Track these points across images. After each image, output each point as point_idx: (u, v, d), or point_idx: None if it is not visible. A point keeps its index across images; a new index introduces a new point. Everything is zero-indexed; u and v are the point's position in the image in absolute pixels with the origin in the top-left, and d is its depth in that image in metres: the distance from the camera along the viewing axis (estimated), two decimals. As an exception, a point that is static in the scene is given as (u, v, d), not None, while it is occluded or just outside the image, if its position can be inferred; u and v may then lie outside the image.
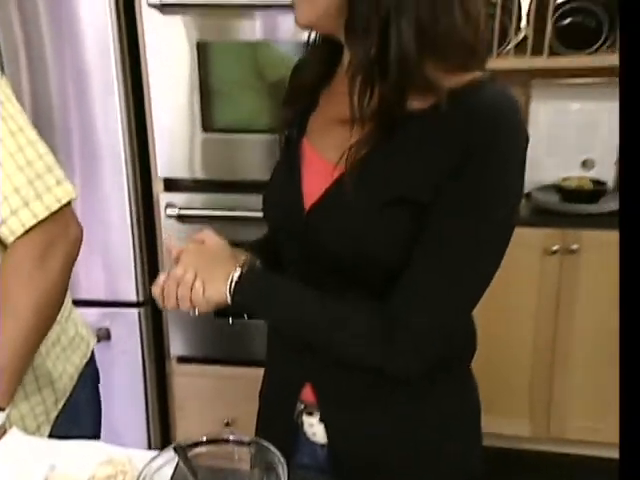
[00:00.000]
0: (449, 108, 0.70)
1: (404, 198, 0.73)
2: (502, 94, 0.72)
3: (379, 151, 0.75)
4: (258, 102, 1.73)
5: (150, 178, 1.77)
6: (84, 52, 1.63)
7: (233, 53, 1.66)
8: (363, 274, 0.78)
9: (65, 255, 0.88)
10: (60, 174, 0.88)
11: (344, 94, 0.77)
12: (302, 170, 0.83)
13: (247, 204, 1.71)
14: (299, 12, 0.77)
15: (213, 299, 0.77)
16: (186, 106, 1.67)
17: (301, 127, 0.86)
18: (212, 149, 1.71)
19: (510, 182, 0.72)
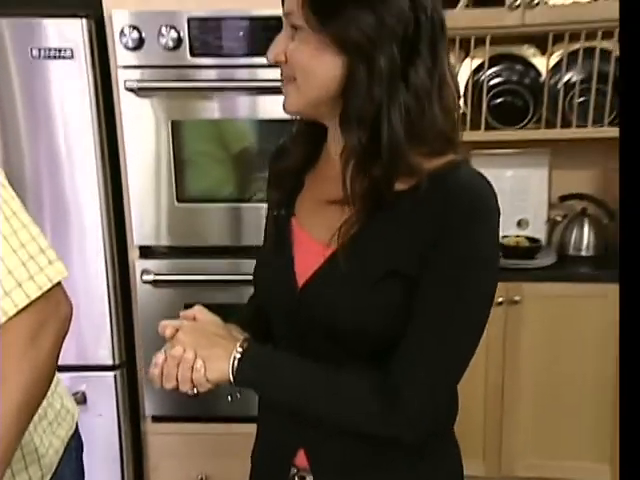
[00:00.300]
0: (429, 190, 0.76)
1: (394, 272, 0.76)
2: (476, 176, 0.79)
3: (368, 229, 0.79)
4: (224, 172, 1.87)
5: (126, 246, 1.87)
6: (63, 129, 1.74)
7: (201, 130, 1.81)
8: (356, 346, 0.80)
9: (56, 334, 0.88)
10: (52, 254, 0.89)
11: (330, 176, 0.84)
12: (293, 249, 0.86)
13: (220, 268, 1.84)
14: (289, 101, 0.81)
15: (214, 378, 0.78)
16: (161, 179, 1.80)
17: (289, 207, 0.89)
18: (185, 217, 1.83)
19: (487, 253, 0.77)
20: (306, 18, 0.74)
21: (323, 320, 0.81)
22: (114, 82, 1.74)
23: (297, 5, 0.75)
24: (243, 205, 1.83)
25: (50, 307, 0.87)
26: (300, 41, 0.77)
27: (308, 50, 0.76)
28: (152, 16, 1.68)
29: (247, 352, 0.79)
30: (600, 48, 1.81)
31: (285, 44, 0.78)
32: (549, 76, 1.89)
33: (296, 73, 0.78)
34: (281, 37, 0.79)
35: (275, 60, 0.79)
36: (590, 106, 1.83)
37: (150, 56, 1.70)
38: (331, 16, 0.74)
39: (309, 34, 0.75)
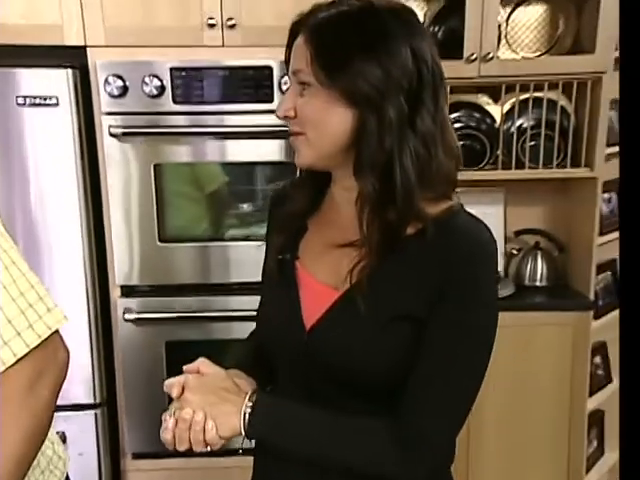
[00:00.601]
0: (434, 235, 0.79)
1: (404, 316, 0.79)
2: (476, 223, 0.83)
3: (379, 272, 0.81)
4: (204, 213, 1.96)
5: (107, 285, 1.92)
6: (48, 173, 1.79)
7: (183, 173, 1.90)
8: (363, 387, 0.81)
9: (54, 381, 0.88)
10: (50, 302, 0.89)
11: (335, 221, 0.88)
12: (299, 292, 0.88)
13: (203, 305, 1.90)
14: (301, 155, 0.84)
15: (227, 435, 0.78)
16: (143, 220, 1.86)
17: (293, 251, 0.91)
18: (167, 256, 1.90)
19: (489, 296, 0.81)
20: (315, 74, 0.79)
21: (332, 362, 0.82)
22: (98, 128, 1.81)
23: (306, 62, 0.79)
24: (226, 244, 1.91)
25: (48, 355, 0.87)
26: (310, 96, 0.80)
27: (318, 105, 0.80)
28: (135, 66, 1.77)
29: (257, 406, 0.79)
30: (547, 98, 1.99)
31: (294, 100, 0.82)
32: (503, 122, 2.07)
33: (307, 128, 0.81)
34: (290, 94, 0.83)
35: (285, 115, 0.83)
36: (540, 149, 2.01)
37: (133, 103, 1.78)
38: (339, 71, 0.78)
39: (318, 89, 0.79)
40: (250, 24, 1.78)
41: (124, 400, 1.95)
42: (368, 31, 0.79)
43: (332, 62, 0.78)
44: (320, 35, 0.80)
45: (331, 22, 0.80)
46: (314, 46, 0.79)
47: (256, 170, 1.89)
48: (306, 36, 0.80)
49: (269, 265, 0.95)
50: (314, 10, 0.83)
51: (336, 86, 0.78)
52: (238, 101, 1.79)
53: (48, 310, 0.88)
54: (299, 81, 0.82)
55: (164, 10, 1.77)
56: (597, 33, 1.90)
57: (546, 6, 2.12)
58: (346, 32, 0.79)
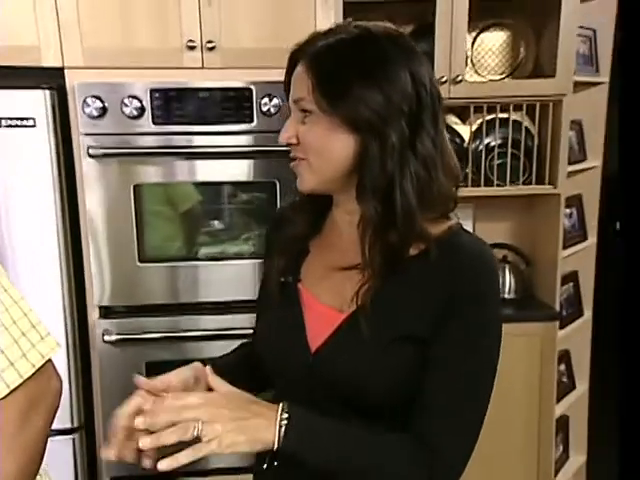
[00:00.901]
0: (437, 256, 0.80)
1: (406, 336, 0.80)
2: (477, 242, 0.84)
3: (383, 293, 0.82)
4: (185, 233, 1.96)
5: (85, 307, 1.89)
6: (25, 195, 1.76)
7: (164, 193, 1.90)
8: (365, 405, 0.82)
9: (48, 411, 0.87)
10: (43, 329, 0.88)
11: (337, 244, 0.90)
12: (303, 315, 0.89)
13: (183, 325, 1.90)
14: (304, 180, 0.85)
15: (258, 449, 0.75)
16: (122, 241, 1.85)
17: (295, 273, 0.92)
18: (148, 277, 1.89)
19: (494, 311, 0.82)
20: (317, 102, 0.80)
21: (337, 383, 0.82)
22: (76, 149, 1.80)
23: (307, 91, 0.81)
24: (207, 263, 1.91)
25: (42, 384, 0.86)
26: (312, 124, 0.82)
27: (320, 132, 0.81)
28: (114, 87, 1.77)
29: (293, 419, 0.75)
30: (513, 119, 2.09)
31: (296, 127, 0.84)
32: (471, 141, 2.16)
33: (309, 154, 0.83)
34: (291, 121, 0.85)
35: (287, 142, 0.85)
36: (507, 168, 2.10)
37: (113, 124, 1.78)
38: (340, 98, 0.79)
39: (320, 117, 0.81)
40: (229, 46, 1.81)
41: (102, 423, 1.92)
42: (367, 58, 0.80)
43: (333, 90, 0.80)
44: (320, 63, 0.81)
45: (330, 50, 0.82)
46: (315, 74, 0.81)
47: (237, 190, 1.91)
48: (306, 64, 0.82)
49: (270, 287, 0.95)
50: (313, 38, 0.84)
51: (338, 113, 0.79)
52: (218, 122, 1.81)
53: (41, 338, 0.87)
54: (301, 109, 0.83)
55: (143, 32, 1.78)
56: (557, 58, 2.01)
57: (507, 32, 2.24)
58: (346, 59, 0.81)
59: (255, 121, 1.81)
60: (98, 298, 1.88)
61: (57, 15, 1.75)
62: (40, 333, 0.87)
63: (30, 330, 0.86)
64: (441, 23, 1.96)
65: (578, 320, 2.42)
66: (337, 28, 0.85)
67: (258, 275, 1.90)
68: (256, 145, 1.80)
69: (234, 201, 1.92)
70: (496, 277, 0.84)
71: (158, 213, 1.90)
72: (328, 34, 0.84)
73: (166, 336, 1.90)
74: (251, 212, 1.91)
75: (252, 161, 1.84)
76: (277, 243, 0.97)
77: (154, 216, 1.90)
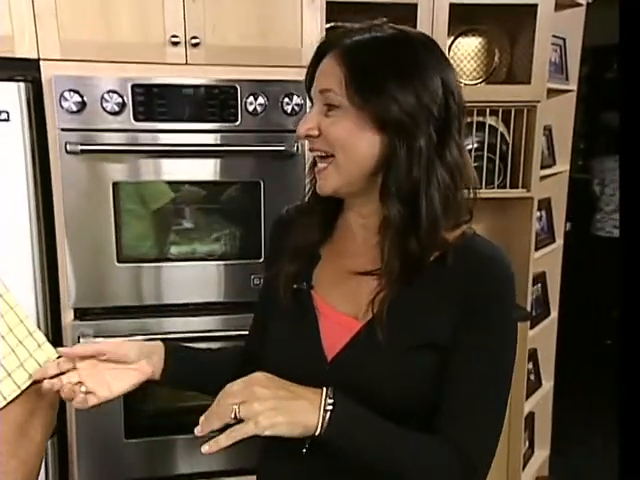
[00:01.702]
0: (454, 262, 0.80)
1: (424, 344, 0.80)
2: (492, 247, 0.84)
3: (400, 300, 0.81)
4: (164, 233, 1.91)
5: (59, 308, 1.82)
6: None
7: (143, 191, 1.85)
8: (381, 413, 0.79)
9: (45, 422, 0.85)
10: (40, 336, 0.85)
11: (351, 249, 0.88)
12: (319, 322, 0.87)
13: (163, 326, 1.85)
14: (328, 181, 0.83)
15: (297, 434, 0.73)
16: (101, 240, 1.79)
17: (308, 280, 0.90)
18: (127, 277, 1.83)
19: (511, 313, 0.84)
20: (349, 95, 0.78)
21: (355, 392, 0.79)
22: (52, 145, 1.73)
23: (338, 83, 0.79)
24: (189, 264, 1.87)
25: (39, 394, 0.82)
26: (338, 117, 0.80)
27: (347, 126, 0.79)
28: (94, 81, 1.71)
29: (338, 406, 0.74)
30: (489, 124, 2.14)
31: (318, 119, 0.81)
32: (448, 144, 2.19)
33: (335, 149, 0.81)
34: (313, 113, 0.82)
35: (307, 134, 0.82)
36: (483, 171, 2.15)
37: (92, 120, 1.72)
38: (374, 94, 0.77)
39: (348, 111, 0.79)
40: (214, 43, 1.77)
41: (75, 430, 1.85)
42: (404, 58, 0.80)
43: (368, 85, 0.78)
44: (356, 57, 0.79)
45: (367, 46, 0.80)
46: (349, 67, 0.79)
47: (218, 189, 1.88)
48: (339, 57, 0.80)
49: (278, 294, 0.92)
50: (346, 32, 0.82)
51: (368, 109, 0.78)
52: (202, 120, 1.78)
53: (39, 346, 0.84)
54: (326, 102, 0.81)
55: (125, 25, 1.72)
56: (532, 65, 2.07)
57: (482, 38, 2.29)
58: (383, 57, 0.79)
59: (240, 120, 1.79)
60: (73, 299, 1.81)
61: (32, 3, 1.67)
62: (37, 340, 0.84)
63: (27, 337, 0.83)
64: (422, 27, 1.98)
65: (545, 320, 2.50)
66: (371, 26, 0.83)
67: (247, 276, 1.87)
68: (241, 144, 1.77)
69: (218, 201, 1.88)
70: (512, 280, 0.84)
71: (139, 213, 1.85)
72: (362, 31, 0.82)
73: (146, 339, 1.84)
74: (236, 212, 1.88)
75: (237, 160, 1.81)
76: (286, 248, 0.94)
77: (134, 215, 1.84)
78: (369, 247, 0.86)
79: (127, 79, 1.72)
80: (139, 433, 1.88)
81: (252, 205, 1.84)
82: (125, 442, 1.86)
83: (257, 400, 0.71)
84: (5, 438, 0.77)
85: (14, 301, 0.83)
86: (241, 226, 1.90)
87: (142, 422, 1.90)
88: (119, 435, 1.85)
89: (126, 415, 1.86)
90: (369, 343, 0.82)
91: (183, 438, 1.91)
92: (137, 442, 1.88)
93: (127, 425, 1.86)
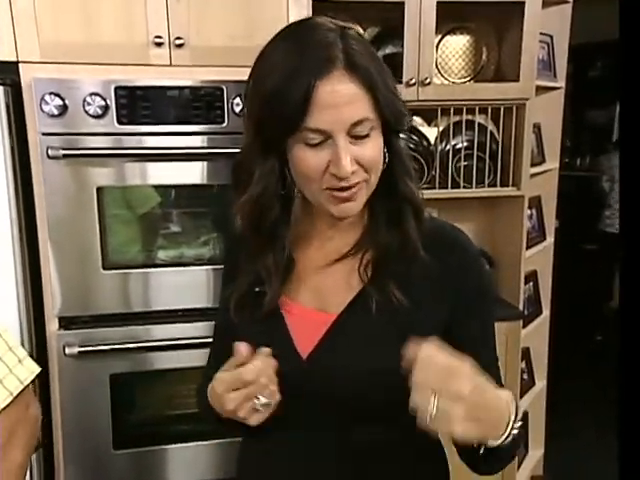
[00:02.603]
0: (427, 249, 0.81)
1: (411, 332, 0.73)
2: (458, 231, 0.86)
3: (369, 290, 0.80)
4: (150, 238, 1.87)
5: (43, 318, 1.77)
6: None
7: (127, 196, 1.81)
8: (366, 410, 0.79)
9: (26, 441, 0.82)
10: (21, 351, 0.83)
11: (311, 245, 0.86)
12: (286, 321, 0.84)
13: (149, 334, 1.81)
14: (356, 205, 0.79)
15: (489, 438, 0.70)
16: (85, 247, 1.74)
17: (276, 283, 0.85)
18: (112, 285, 1.79)
19: (492, 297, 0.92)
20: (383, 116, 0.76)
21: (335, 387, 0.79)
22: (32, 149, 1.68)
23: (369, 108, 0.74)
24: (173, 269, 1.83)
25: (20, 412, 0.80)
26: (369, 141, 0.76)
27: (379, 146, 0.78)
28: (76, 84, 1.66)
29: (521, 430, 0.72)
30: (478, 122, 2.12)
31: (351, 153, 0.75)
32: (438, 143, 2.17)
33: (372, 173, 0.78)
34: (345, 149, 0.74)
35: (352, 172, 0.75)
36: (473, 170, 2.13)
37: (74, 123, 1.67)
38: (395, 104, 0.78)
39: (377, 132, 0.76)
40: (199, 44, 1.74)
41: (62, 440, 1.80)
42: (379, 58, 0.80)
43: (389, 97, 0.77)
44: (365, 71, 0.74)
45: (363, 54, 0.75)
46: (369, 86, 0.74)
47: (206, 193, 1.84)
48: (350, 76, 0.73)
49: (243, 299, 0.87)
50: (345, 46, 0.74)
51: (392, 119, 0.78)
52: (188, 122, 1.74)
53: (19, 361, 0.81)
54: (356, 133, 0.74)
55: (107, 25, 1.68)
56: (520, 62, 2.05)
57: (470, 36, 2.27)
58: (378, 63, 0.78)
59: (226, 122, 1.75)
60: (58, 308, 1.76)
61: (10, 5, 1.62)
62: (18, 355, 0.81)
63: (6, 353, 0.80)
64: (410, 26, 1.96)
65: (538, 318, 2.48)
66: (341, 28, 0.77)
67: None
68: (228, 146, 1.73)
69: (205, 204, 1.85)
70: (469, 244, 0.86)
71: (124, 218, 1.80)
72: (341, 34, 0.75)
73: (132, 347, 1.80)
74: (223, 215, 1.84)
75: (223, 163, 1.78)
76: (243, 261, 0.88)
77: (119, 221, 1.80)
78: (340, 232, 0.85)
79: (110, 81, 1.68)
80: (128, 443, 1.84)
81: (240, 208, 1.80)
82: (114, 453, 1.82)
83: (458, 399, 0.64)
84: None
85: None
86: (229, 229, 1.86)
87: (131, 432, 1.85)
88: (107, 446, 1.81)
89: (114, 425, 1.81)
90: (345, 334, 0.81)
91: (173, 448, 1.87)
92: (126, 453, 1.84)
93: (116, 435, 1.82)
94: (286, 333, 0.84)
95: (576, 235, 4.02)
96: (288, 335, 0.84)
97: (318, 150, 0.75)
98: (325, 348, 0.81)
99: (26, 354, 0.83)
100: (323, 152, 0.75)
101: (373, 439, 0.82)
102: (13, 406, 0.78)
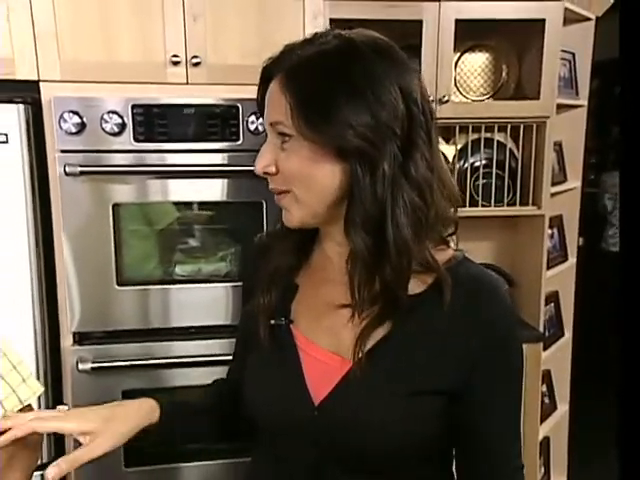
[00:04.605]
0: (452, 295, 0.73)
1: (431, 390, 0.73)
2: (485, 271, 0.78)
3: (392, 341, 0.75)
4: (165, 255, 1.87)
5: (58, 333, 1.78)
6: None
7: (143, 213, 1.82)
8: (375, 463, 0.76)
9: (26, 465, 0.80)
10: (25, 369, 0.81)
11: (329, 279, 0.80)
12: (301, 361, 0.79)
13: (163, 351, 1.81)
14: (290, 215, 0.76)
15: None
16: (100, 263, 1.76)
17: (285, 314, 0.82)
18: (127, 301, 1.79)
19: (518, 348, 0.80)
20: (296, 127, 0.70)
21: (345, 439, 0.75)
22: (51, 166, 1.71)
23: (285, 114, 0.70)
24: (187, 286, 1.83)
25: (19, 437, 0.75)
26: (292, 150, 0.72)
27: (303, 159, 0.72)
28: (94, 102, 1.69)
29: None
30: (497, 140, 2.09)
31: (273, 154, 0.74)
32: (456, 161, 2.15)
33: (292, 185, 0.74)
34: (268, 147, 0.75)
35: (264, 172, 0.75)
36: (492, 188, 2.10)
37: (92, 141, 1.69)
38: (324, 122, 0.69)
39: (301, 142, 0.71)
40: (215, 62, 1.75)
41: (75, 457, 1.80)
42: (352, 73, 0.70)
43: (315, 112, 0.69)
44: (299, 81, 0.71)
45: (310, 65, 0.71)
46: (293, 94, 0.70)
47: (223, 209, 1.84)
48: (282, 82, 0.72)
49: (256, 329, 0.84)
50: (287, 50, 0.74)
51: (322, 139, 0.70)
52: (203, 139, 1.75)
53: (23, 380, 0.79)
54: (278, 132, 0.73)
55: (125, 45, 1.71)
56: (541, 80, 2.02)
57: (489, 54, 2.25)
58: (328, 76, 0.70)
59: (242, 139, 1.75)
60: (73, 324, 1.77)
61: (33, 26, 1.66)
62: (21, 374, 0.79)
63: (10, 372, 0.78)
64: (428, 44, 1.95)
65: (559, 341, 2.42)
66: (315, 38, 0.74)
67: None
68: (243, 164, 1.74)
69: (220, 221, 1.85)
70: (511, 309, 0.79)
71: (139, 234, 1.81)
72: (305, 45, 0.73)
73: (145, 363, 1.80)
74: (240, 232, 1.84)
75: (239, 180, 1.78)
76: (260, 278, 0.85)
77: (134, 237, 1.81)
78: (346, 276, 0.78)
79: (127, 99, 1.70)
80: (140, 461, 1.83)
81: (255, 225, 1.80)
82: (125, 471, 1.81)
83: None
84: None
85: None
86: (246, 246, 1.86)
87: (143, 450, 1.84)
88: (118, 464, 1.80)
89: (126, 442, 1.80)
90: (362, 386, 0.75)
91: (185, 466, 1.86)
92: (138, 471, 1.83)
93: (127, 453, 1.81)
94: (300, 374, 0.79)
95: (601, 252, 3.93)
96: (302, 378, 0.79)
97: None
98: (338, 397, 0.76)
99: (30, 373, 0.81)
100: None
101: None
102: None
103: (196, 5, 1.71)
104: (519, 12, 1.97)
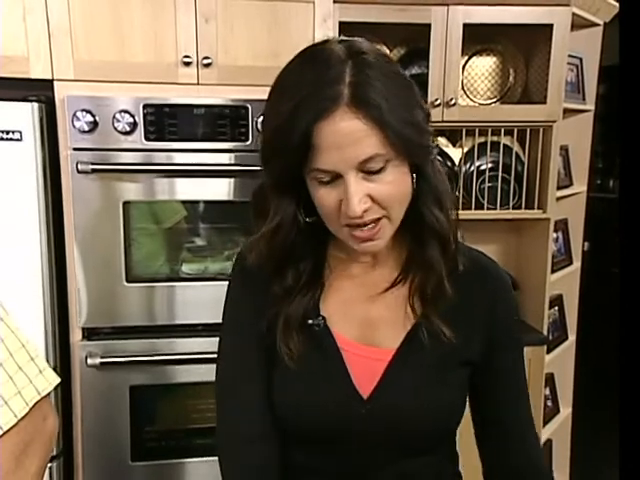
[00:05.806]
0: (466, 277, 0.80)
1: (465, 361, 0.81)
2: (491, 261, 0.86)
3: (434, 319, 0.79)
4: (173, 253, 1.90)
5: (68, 328, 1.81)
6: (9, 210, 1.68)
7: (153, 211, 1.85)
8: (420, 443, 0.80)
9: (42, 455, 0.80)
10: (41, 361, 0.81)
11: (352, 274, 0.83)
12: (344, 359, 0.80)
13: (170, 348, 1.83)
14: (382, 240, 0.75)
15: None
16: (110, 259, 1.78)
17: (317, 313, 0.82)
18: (135, 297, 1.82)
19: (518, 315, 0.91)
20: (396, 150, 0.69)
21: (400, 426, 0.78)
22: (63, 164, 1.74)
23: (379, 143, 0.68)
24: (196, 284, 1.85)
25: (36, 424, 0.78)
26: (385, 175, 0.71)
27: (397, 179, 0.71)
28: (106, 101, 1.72)
29: None
30: (503, 144, 2.11)
31: (364, 190, 0.70)
32: (462, 164, 2.17)
33: (390, 207, 0.73)
34: (356, 187, 0.70)
35: (365, 210, 0.71)
36: (498, 191, 2.11)
37: (104, 139, 1.72)
38: (413, 134, 0.70)
39: (393, 163, 0.71)
40: (226, 63, 1.78)
41: (81, 450, 1.83)
42: (405, 79, 0.73)
43: (402, 136, 0.69)
44: (374, 104, 0.68)
45: (373, 84, 0.68)
46: (379, 120, 0.68)
47: (230, 209, 1.86)
48: (356, 112, 0.67)
49: (278, 343, 0.81)
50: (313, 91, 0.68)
51: (412, 150, 0.72)
52: (213, 139, 1.77)
53: (40, 372, 0.80)
54: (367, 169, 0.70)
55: (137, 46, 1.73)
56: (548, 84, 2.04)
57: (497, 58, 2.27)
58: (398, 94, 0.70)
59: (251, 139, 1.78)
60: (82, 319, 1.80)
61: (48, 26, 1.69)
62: (38, 366, 0.81)
63: (28, 363, 0.79)
64: (435, 47, 1.97)
65: (563, 344, 2.43)
66: (323, 61, 0.70)
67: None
68: (252, 164, 1.76)
69: (229, 220, 1.87)
70: (510, 287, 0.88)
71: (149, 232, 1.84)
72: (323, 76, 0.68)
73: (153, 359, 1.83)
74: (245, 233, 1.87)
75: (247, 180, 1.80)
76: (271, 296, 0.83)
77: (143, 235, 1.83)
78: (383, 260, 0.83)
79: (139, 99, 1.73)
80: (146, 456, 1.86)
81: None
82: (131, 465, 1.84)
83: None
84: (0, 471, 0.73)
85: (15, 325, 0.79)
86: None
87: (149, 444, 1.87)
88: (125, 458, 1.83)
89: (133, 437, 1.83)
90: (407, 371, 0.79)
91: (191, 462, 1.88)
92: (143, 465, 1.85)
93: (133, 447, 1.84)
94: (345, 372, 0.79)
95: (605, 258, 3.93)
96: (347, 375, 0.79)
97: (330, 188, 0.72)
98: (387, 386, 0.78)
99: (46, 365, 0.82)
100: (335, 190, 0.71)
101: (420, 470, 0.83)
102: (30, 417, 0.77)
103: (208, 7, 1.74)
104: (527, 17, 1.99)
